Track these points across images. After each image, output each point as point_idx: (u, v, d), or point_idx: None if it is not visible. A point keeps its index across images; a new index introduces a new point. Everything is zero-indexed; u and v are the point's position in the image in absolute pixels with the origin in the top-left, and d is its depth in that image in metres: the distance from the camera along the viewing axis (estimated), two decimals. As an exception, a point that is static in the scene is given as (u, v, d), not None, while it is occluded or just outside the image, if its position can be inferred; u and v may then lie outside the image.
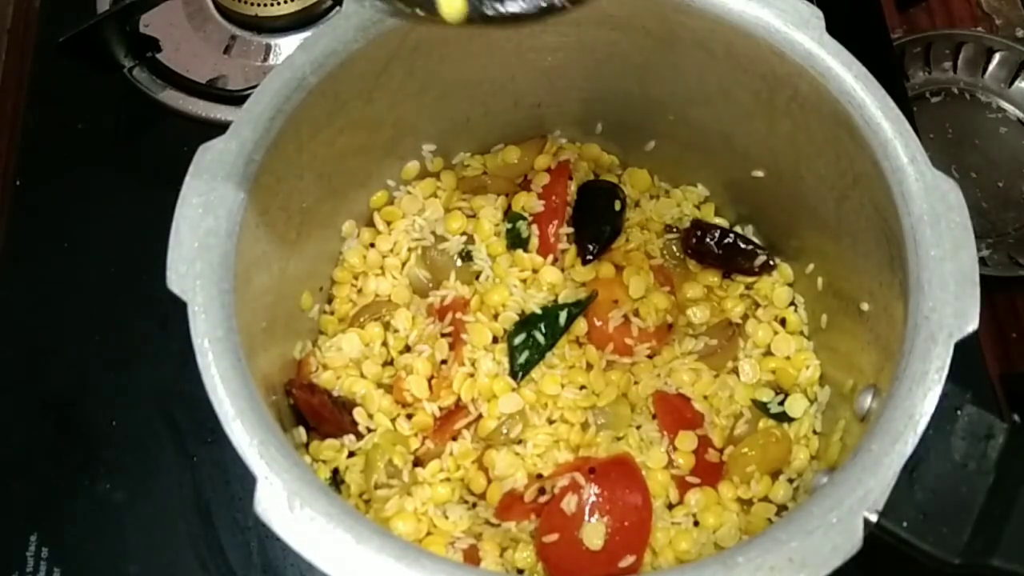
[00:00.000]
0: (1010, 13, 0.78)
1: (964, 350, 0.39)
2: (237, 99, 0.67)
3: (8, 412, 0.60)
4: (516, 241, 0.56)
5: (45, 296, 0.63)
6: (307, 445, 0.51)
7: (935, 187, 0.42)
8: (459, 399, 0.52)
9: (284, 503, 0.37)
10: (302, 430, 0.51)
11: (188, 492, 0.57)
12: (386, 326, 0.54)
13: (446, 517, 0.49)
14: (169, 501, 0.57)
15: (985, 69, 0.76)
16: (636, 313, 0.54)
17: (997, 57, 0.75)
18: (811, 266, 0.54)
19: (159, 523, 0.56)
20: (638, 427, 0.52)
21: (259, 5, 0.69)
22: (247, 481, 0.38)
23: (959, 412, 0.38)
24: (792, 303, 0.56)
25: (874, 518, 0.36)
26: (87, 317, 0.62)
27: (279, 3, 0.69)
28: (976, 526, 0.36)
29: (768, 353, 0.55)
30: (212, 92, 0.68)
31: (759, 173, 0.54)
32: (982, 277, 0.40)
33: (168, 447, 0.58)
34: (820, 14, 0.46)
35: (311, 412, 0.50)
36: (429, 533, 0.49)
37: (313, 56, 0.46)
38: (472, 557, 0.48)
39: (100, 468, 0.58)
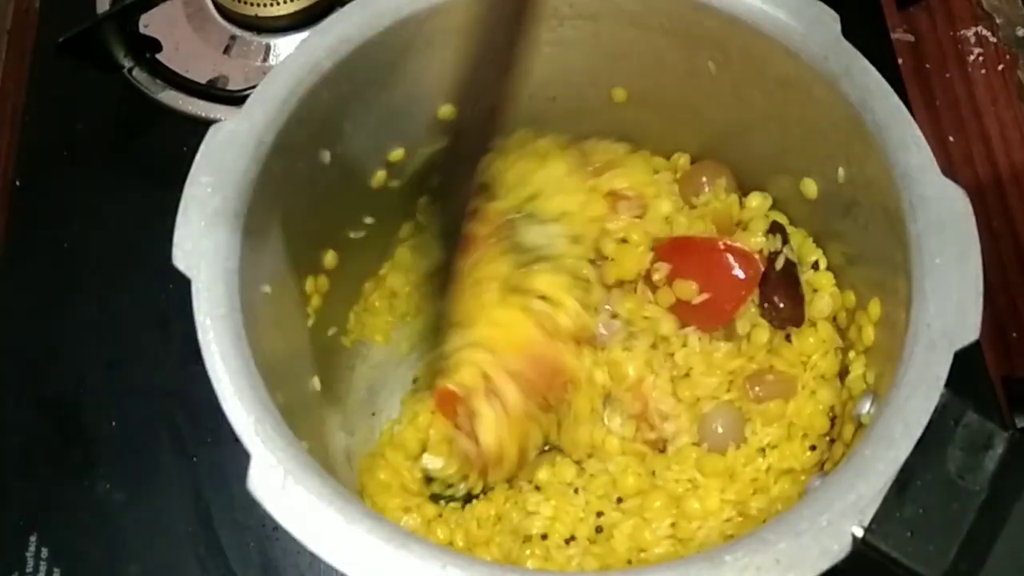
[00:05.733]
0: (1010, 12, 0.78)
1: (965, 350, 0.39)
2: (237, 99, 0.67)
3: (8, 412, 0.60)
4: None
5: (45, 296, 0.63)
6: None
7: (944, 195, 0.42)
8: None
9: (276, 481, 0.37)
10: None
11: (188, 492, 0.57)
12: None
13: None
14: (169, 501, 0.57)
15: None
16: None
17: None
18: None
19: (159, 523, 0.56)
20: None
21: (259, 5, 0.69)
22: (246, 480, 0.38)
23: (958, 423, 0.38)
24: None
25: (860, 533, 0.36)
26: (87, 317, 0.62)
27: (279, 3, 0.69)
28: (963, 546, 0.36)
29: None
30: (212, 92, 0.68)
31: (769, 176, 0.54)
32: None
33: (168, 447, 0.58)
34: (836, 16, 0.46)
35: None
36: None
37: (328, 41, 0.47)
38: None
39: (100, 468, 0.58)
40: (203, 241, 0.42)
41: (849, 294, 0.50)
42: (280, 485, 0.37)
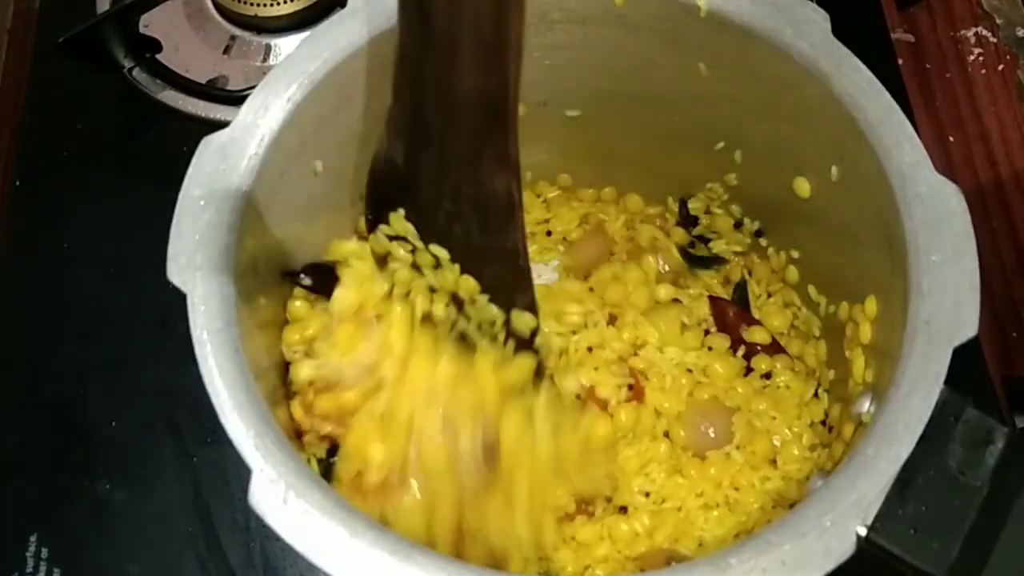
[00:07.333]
0: (1010, 12, 0.78)
1: (964, 350, 0.39)
2: (237, 99, 0.67)
3: (8, 412, 0.60)
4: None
5: (45, 296, 0.63)
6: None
7: (938, 192, 0.42)
8: None
9: (278, 495, 0.37)
10: None
11: (188, 492, 0.57)
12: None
13: None
14: (169, 501, 0.57)
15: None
16: None
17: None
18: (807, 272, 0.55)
19: (159, 523, 0.56)
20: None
21: (259, 5, 0.69)
22: (246, 481, 0.38)
23: (958, 419, 0.38)
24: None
25: (863, 532, 0.36)
26: (87, 317, 0.62)
27: (279, 3, 0.69)
28: (966, 542, 0.36)
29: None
30: (212, 92, 0.68)
31: (761, 176, 0.54)
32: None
33: (168, 447, 0.58)
34: (826, 16, 0.46)
35: None
36: None
37: (319, 50, 0.47)
38: None
39: (100, 468, 0.58)
40: (197, 254, 0.42)
41: (844, 305, 0.50)
42: (282, 499, 0.37)
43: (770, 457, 0.52)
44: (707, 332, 0.56)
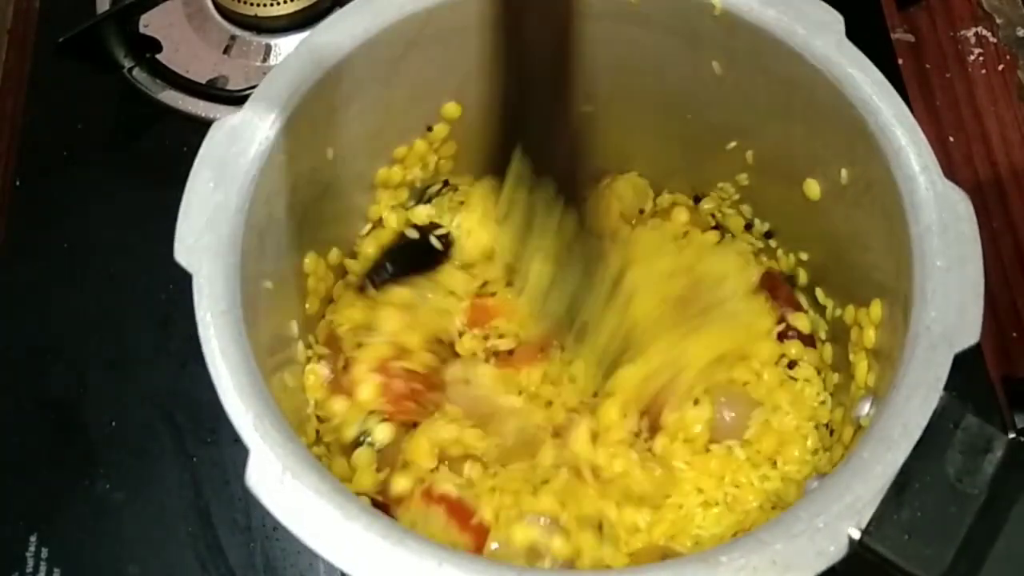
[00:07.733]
0: (1011, 12, 0.78)
1: (965, 353, 0.39)
2: (237, 99, 0.67)
3: (8, 412, 0.60)
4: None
5: (45, 296, 0.63)
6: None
7: (945, 197, 0.42)
8: None
9: (275, 476, 0.37)
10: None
11: (188, 492, 0.57)
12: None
13: None
14: (169, 501, 0.57)
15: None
16: None
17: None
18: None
19: (159, 523, 0.56)
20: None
21: (259, 5, 0.69)
22: (245, 476, 0.38)
23: (957, 426, 0.37)
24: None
25: (857, 535, 0.36)
26: (87, 317, 0.62)
27: (279, 3, 0.69)
28: (960, 549, 0.36)
29: None
30: (212, 92, 0.68)
31: (772, 177, 0.54)
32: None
33: (168, 447, 0.58)
34: (840, 18, 0.46)
35: None
36: None
37: (332, 37, 0.47)
38: None
39: (100, 468, 0.58)
40: (205, 236, 0.42)
41: (850, 308, 0.50)
42: (278, 481, 0.37)
43: (772, 456, 0.52)
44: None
